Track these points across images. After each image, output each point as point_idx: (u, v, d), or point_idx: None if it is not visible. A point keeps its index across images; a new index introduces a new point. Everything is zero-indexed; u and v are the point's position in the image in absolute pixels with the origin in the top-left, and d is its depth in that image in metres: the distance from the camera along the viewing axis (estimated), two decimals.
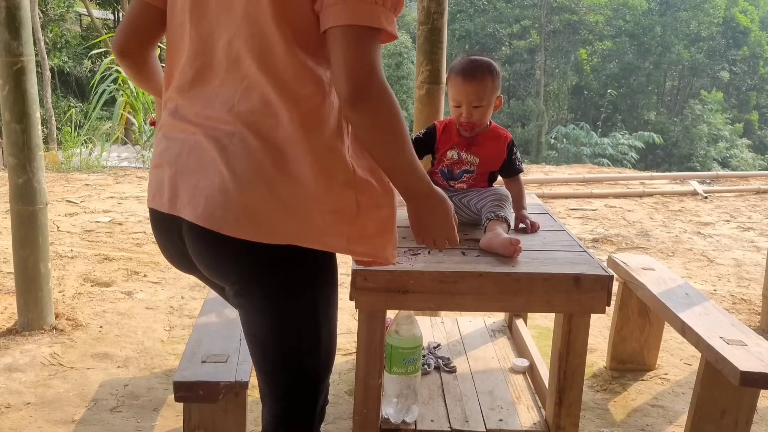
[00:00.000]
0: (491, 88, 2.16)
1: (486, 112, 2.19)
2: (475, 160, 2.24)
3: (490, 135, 2.25)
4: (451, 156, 2.25)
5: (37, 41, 9.36)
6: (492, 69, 2.17)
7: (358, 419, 1.98)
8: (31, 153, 2.93)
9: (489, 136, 2.24)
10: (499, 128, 2.28)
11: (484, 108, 2.17)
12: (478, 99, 2.15)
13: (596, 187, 6.82)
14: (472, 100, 2.15)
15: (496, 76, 2.18)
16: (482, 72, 2.15)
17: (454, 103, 2.20)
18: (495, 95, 2.18)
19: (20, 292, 3.05)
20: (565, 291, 1.88)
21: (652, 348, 2.90)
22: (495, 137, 2.25)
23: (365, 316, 1.93)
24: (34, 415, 2.42)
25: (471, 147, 2.24)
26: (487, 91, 2.15)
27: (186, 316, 3.34)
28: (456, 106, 2.20)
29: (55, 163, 7.59)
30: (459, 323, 2.88)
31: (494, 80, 2.17)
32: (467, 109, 2.16)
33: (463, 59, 2.22)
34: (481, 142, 2.24)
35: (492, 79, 2.16)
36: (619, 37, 32.36)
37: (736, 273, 4.35)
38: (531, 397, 2.30)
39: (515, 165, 2.28)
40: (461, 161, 2.24)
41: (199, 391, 1.77)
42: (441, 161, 2.28)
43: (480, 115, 2.18)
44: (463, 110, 2.17)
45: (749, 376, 1.94)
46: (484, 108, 2.17)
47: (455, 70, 2.19)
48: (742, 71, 32.59)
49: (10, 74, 2.85)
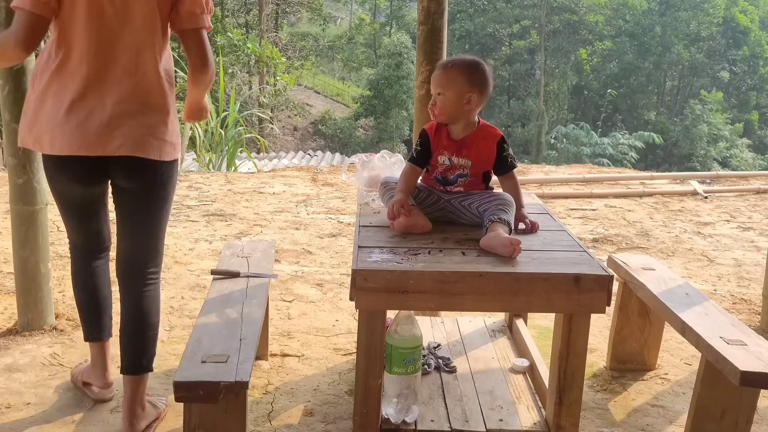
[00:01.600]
0: (458, 81, 2.16)
1: (446, 103, 2.18)
2: (467, 163, 2.22)
3: (479, 135, 2.23)
4: (442, 162, 2.24)
5: None
6: (468, 64, 2.18)
7: (359, 419, 1.98)
8: (31, 153, 2.93)
9: (478, 137, 2.23)
10: (487, 126, 2.26)
11: (445, 98, 2.17)
12: (440, 86, 2.18)
13: (596, 187, 6.82)
14: (436, 86, 2.19)
15: (471, 72, 2.17)
16: (455, 64, 2.19)
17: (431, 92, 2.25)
18: (465, 90, 2.16)
19: (20, 293, 3.05)
20: (565, 291, 1.88)
21: (652, 348, 2.90)
22: (484, 137, 2.23)
23: (365, 316, 1.93)
24: (34, 416, 2.43)
25: (461, 150, 2.22)
26: (450, 82, 2.16)
27: (186, 316, 3.34)
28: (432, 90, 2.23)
29: None
30: (459, 323, 2.88)
31: (465, 74, 2.17)
32: (433, 97, 2.21)
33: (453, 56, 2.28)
34: (470, 143, 2.22)
35: (461, 71, 2.17)
36: (619, 37, 32.39)
37: (736, 273, 4.35)
38: (531, 397, 2.30)
39: (507, 161, 2.26)
40: (453, 166, 2.23)
41: (199, 391, 1.77)
42: (434, 168, 2.26)
43: (440, 104, 2.19)
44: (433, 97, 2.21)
45: (749, 376, 1.94)
46: (445, 98, 2.17)
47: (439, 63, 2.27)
48: (742, 71, 32.61)
49: (10, 74, 2.85)
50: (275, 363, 2.87)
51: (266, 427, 2.39)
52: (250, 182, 6.73)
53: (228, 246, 2.99)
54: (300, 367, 2.85)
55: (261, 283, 2.53)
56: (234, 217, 5.32)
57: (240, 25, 24.93)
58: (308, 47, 26.21)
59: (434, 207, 2.26)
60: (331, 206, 5.77)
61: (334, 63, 35.81)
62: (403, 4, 35.43)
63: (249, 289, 2.47)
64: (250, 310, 2.27)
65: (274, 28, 24.55)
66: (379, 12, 38.19)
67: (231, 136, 9.05)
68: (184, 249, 4.42)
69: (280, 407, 2.52)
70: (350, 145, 26.16)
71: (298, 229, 4.99)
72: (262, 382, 2.70)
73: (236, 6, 25.61)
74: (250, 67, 20.04)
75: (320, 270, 4.09)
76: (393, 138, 26.10)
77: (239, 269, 2.63)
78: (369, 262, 1.91)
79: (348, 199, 6.03)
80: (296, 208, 5.65)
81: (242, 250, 2.90)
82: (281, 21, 27.38)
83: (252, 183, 6.69)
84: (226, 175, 7.30)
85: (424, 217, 2.19)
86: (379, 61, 28.83)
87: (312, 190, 6.42)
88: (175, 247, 4.45)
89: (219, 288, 2.48)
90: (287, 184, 6.71)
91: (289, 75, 18.83)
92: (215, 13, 22.53)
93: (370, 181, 2.53)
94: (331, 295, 3.69)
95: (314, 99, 31.95)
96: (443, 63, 2.25)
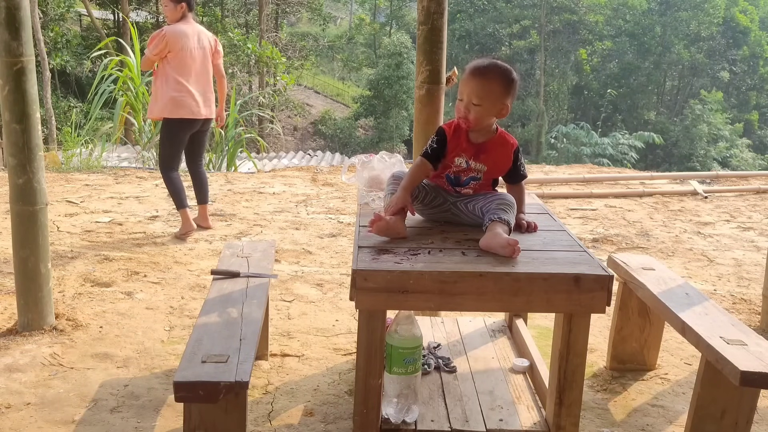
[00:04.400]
0: (497, 92, 2.10)
1: (483, 114, 2.12)
2: (483, 168, 2.20)
3: (498, 142, 2.21)
4: (459, 163, 2.21)
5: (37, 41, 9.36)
6: (506, 74, 2.12)
7: (359, 419, 1.98)
8: (31, 153, 2.93)
9: (497, 143, 2.20)
10: (505, 135, 2.23)
11: (482, 109, 2.11)
12: (477, 97, 2.10)
13: (596, 187, 6.82)
14: (472, 96, 2.11)
15: (508, 83, 2.11)
16: (493, 73, 2.10)
17: (459, 95, 2.16)
18: (500, 101, 2.12)
19: (20, 293, 3.05)
20: (565, 291, 1.88)
21: (652, 348, 2.90)
22: (502, 144, 2.21)
23: (365, 316, 1.93)
24: (34, 416, 2.43)
25: (479, 155, 2.19)
26: (489, 93, 2.10)
27: (186, 316, 3.34)
28: (460, 99, 2.16)
29: (55, 163, 7.59)
30: (459, 323, 2.88)
31: (503, 85, 2.11)
32: (466, 105, 2.12)
33: (485, 58, 2.17)
34: (489, 149, 2.19)
35: (500, 82, 2.10)
36: (619, 37, 32.38)
37: (736, 273, 4.35)
38: (531, 397, 2.30)
39: (520, 171, 2.27)
40: (469, 169, 2.21)
41: (199, 392, 1.77)
42: (447, 167, 2.22)
43: (476, 115, 2.12)
44: (462, 105, 2.13)
45: (749, 376, 1.94)
46: (482, 109, 2.11)
47: (470, 65, 2.15)
48: (742, 71, 32.60)
49: (10, 74, 2.85)
50: (275, 363, 2.87)
51: (266, 427, 2.39)
52: (250, 182, 6.73)
53: (228, 246, 2.99)
54: (300, 367, 2.85)
55: (261, 283, 2.53)
56: (234, 217, 5.32)
57: (240, 25, 24.93)
58: (308, 47, 26.19)
59: (439, 209, 2.25)
60: (331, 206, 5.77)
61: (334, 63, 35.81)
62: (403, 4, 35.42)
63: (249, 289, 2.47)
64: (250, 310, 2.27)
65: (274, 28, 24.54)
66: (379, 12, 38.19)
67: (231, 137, 9.05)
68: (184, 249, 4.42)
69: (280, 407, 2.52)
70: (350, 145, 26.16)
71: (298, 229, 4.99)
72: (262, 382, 2.70)
73: (236, 6, 25.61)
74: (250, 67, 20.04)
75: (320, 270, 4.09)
76: (393, 138, 26.10)
77: (239, 269, 2.64)
78: (369, 262, 1.91)
79: (348, 199, 6.03)
80: (296, 208, 5.65)
81: (242, 250, 2.90)
82: (281, 21, 27.38)
83: (252, 183, 6.69)
84: (226, 175, 7.30)
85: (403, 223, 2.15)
86: (379, 61, 28.84)
87: (312, 190, 6.42)
88: (175, 247, 4.45)
89: (219, 288, 2.48)
90: (287, 184, 6.71)
91: (289, 75, 18.83)
92: (215, 13, 22.63)
93: (370, 181, 2.53)
94: (331, 295, 3.69)
95: (314, 99, 31.95)
96: (479, 70, 2.12)
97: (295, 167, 8.49)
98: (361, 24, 36.45)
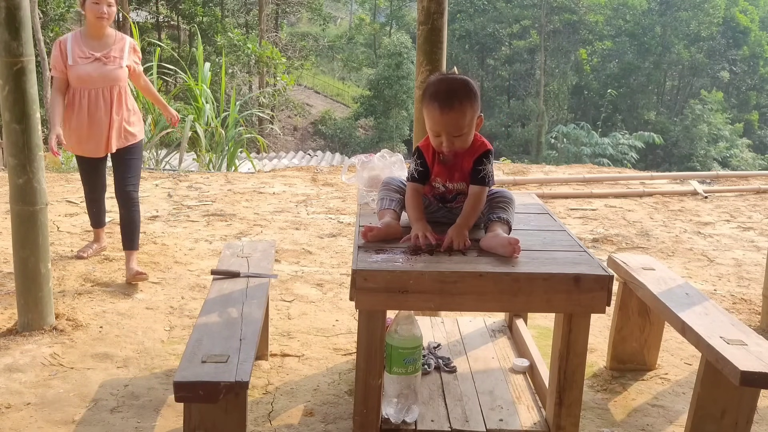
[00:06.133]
0: (471, 114, 2.03)
1: (468, 137, 2.07)
2: (462, 186, 2.17)
3: (469, 154, 2.12)
4: (437, 187, 2.19)
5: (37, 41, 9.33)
6: (469, 92, 2.03)
7: (359, 419, 1.98)
8: (31, 153, 2.93)
9: (467, 156, 2.12)
10: (475, 144, 2.12)
11: (466, 135, 2.06)
12: (458, 129, 2.03)
13: (596, 187, 6.82)
14: (451, 130, 2.03)
15: (474, 98, 2.03)
16: (460, 99, 2.00)
17: (433, 132, 2.06)
18: (475, 117, 2.06)
19: (20, 293, 3.05)
20: (565, 291, 1.88)
21: (652, 348, 2.90)
22: (472, 154, 2.12)
23: (365, 316, 1.93)
24: (34, 416, 2.43)
25: (453, 174, 2.16)
26: (467, 119, 2.03)
27: (186, 316, 3.34)
28: (435, 135, 2.06)
29: (55, 163, 7.59)
30: (459, 323, 2.88)
31: (473, 104, 2.03)
32: (448, 139, 2.04)
33: (437, 83, 2.06)
34: (461, 166, 2.14)
35: (470, 103, 2.02)
36: (619, 36, 32.37)
37: (736, 273, 4.35)
38: (531, 397, 2.30)
39: (477, 175, 2.12)
40: (449, 191, 2.20)
41: (199, 392, 1.78)
42: (430, 188, 2.21)
43: (462, 142, 2.07)
44: (443, 140, 2.05)
45: (749, 376, 1.94)
46: (466, 135, 2.06)
47: (430, 97, 2.03)
48: (742, 71, 32.59)
49: (10, 74, 2.85)
50: (275, 363, 2.87)
51: (266, 427, 2.40)
52: (250, 182, 6.73)
53: (228, 246, 2.99)
54: (300, 367, 2.85)
55: (261, 283, 2.53)
56: (234, 217, 5.31)
57: (240, 25, 24.93)
58: (308, 47, 26.18)
59: (435, 215, 2.25)
60: (331, 206, 5.77)
61: (334, 63, 35.79)
62: (403, 4, 35.41)
63: (249, 289, 2.47)
64: (250, 310, 2.27)
65: (274, 28, 24.55)
66: (379, 12, 38.18)
67: (231, 137, 9.05)
68: (184, 249, 4.42)
69: (280, 407, 2.52)
70: (350, 145, 26.15)
71: (298, 229, 4.99)
72: (262, 382, 2.70)
73: (236, 6, 25.62)
74: (250, 68, 20.04)
75: (320, 270, 4.09)
76: (393, 138, 26.09)
77: (239, 269, 2.64)
78: (369, 262, 1.91)
79: (348, 199, 6.03)
80: (296, 208, 5.65)
81: (242, 250, 2.90)
82: (281, 21, 27.38)
83: (252, 183, 6.69)
84: (226, 175, 7.30)
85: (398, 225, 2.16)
86: (379, 61, 28.83)
87: (312, 190, 6.42)
88: (175, 247, 4.45)
89: (219, 288, 2.48)
90: (287, 184, 6.71)
91: (289, 76, 18.82)
92: (215, 13, 22.61)
93: (370, 181, 2.53)
94: (331, 295, 3.69)
95: (314, 99, 31.94)
96: (445, 103, 2.00)
97: (295, 167, 8.49)
98: (361, 24, 36.44)
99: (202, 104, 9.00)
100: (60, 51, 3.68)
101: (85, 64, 3.66)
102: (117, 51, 3.77)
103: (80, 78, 3.66)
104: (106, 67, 3.71)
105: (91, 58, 3.68)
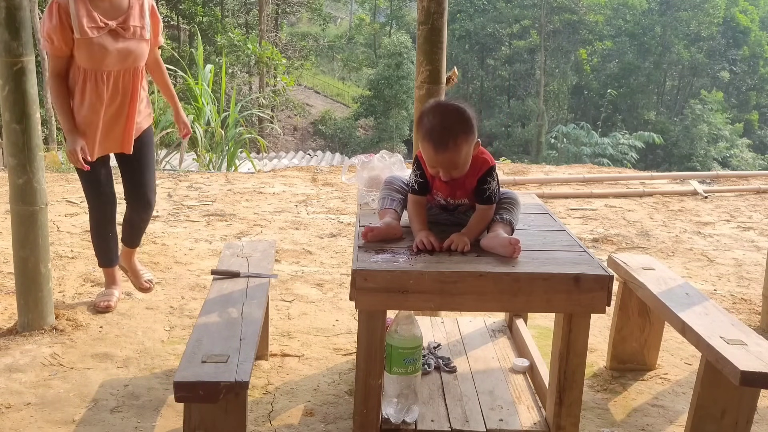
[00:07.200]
0: (466, 149, 2.01)
1: (465, 167, 2.06)
2: (464, 201, 2.19)
3: (471, 173, 2.11)
4: (438, 200, 2.20)
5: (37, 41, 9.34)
6: (464, 125, 1.99)
7: (359, 419, 1.98)
8: (31, 153, 2.93)
9: (470, 175, 2.11)
10: (477, 160, 2.11)
11: (463, 166, 2.05)
12: (454, 165, 2.02)
13: (596, 186, 6.82)
14: (448, 167, 2.03)
15: (470, 131, 2.00)
16: (454, 137, 1.97)
17: (430, 166, 2.05)
18: (472, 148, 2.04)
19: (20, 293, 3.05)
20: (565, 291, 1.88)
21: (653, 348, 2.90)
22: (474, 173, 2.11)
23: (365, 316, 1.93)
24: (34, 416, 2.43)
25: (455, 192, 2.17)
26: (462, 155, 2.01)
27: (186, 316, 3.34)
28: (432, 167, 2.05)
29: (55, 163, 7.59)
30: (459, 323, 2.88)
31: (468, 138, 2.00)
32: (445, 173, 2.04)
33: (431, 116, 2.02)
34: (462, 183, 2.13)
35: (465, 138, 1.99)
36: (619, 36, 32.36)
37: (736, 273, 4.35)
38: (531, 397, 2.30)
39: (483, 194, 2.13)
40: (449, 204, 2.21)
41: (199, 392, 1.78)
42: (432, 200, 2.21)
43: (461, 171, 2.06)
44: (440, 171, 2.04)
45: (749, 376, 1.94)
46: (463, 166, 2.05)
47: (424, 134, 2.00)
48: (742, 71, 32.58)
49: (10, 75, 2.85)
50: (275, 363, 2.87)
51: (266, 427, 2.40)
52: (250, 182, 6.73)
53: (228, 246, 2.99)
54: (300, 367, 2.85)
55: (261, 283, 2.53)
56: (234, 217, 5.31)
57: (240, 25, 24.92)
58: (308, 47, 26.17)
59: (438, 218, 2.26)
60: (331, 206, 5.77)
61: (334, 63, 35.79)
62: (403, 4, 35.40)
63: (249, 289, 2.47)
64: (250, 310, 2.27)
65: (274, 28, 24.53)
66: (379, 12, 38.17)
67: (231, 137, 9.05)
68: (184, 249, 4.42)
69: (280, 407, 2.52)
70: (350, 145, 26.15)
71: (298, 229, 4.99)
72: (262, 382, 2.70)
73: (236, 6, 25.60)
74: (250, 68, 20.04)
75: (320, 270, 4.09)
76: (393, 138, 26.09)
77: (239, 269, 2.64)
78: (369, 262, 1.91)
79: (348, 199, 6.03)
80: (296, 208, 5.65)
81: (242, 250, 2.90)
82: (281, 21, 27.37)
83: (252, 183, 6.69)
84: (226, 175, 7.30)
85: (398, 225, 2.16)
86: (379, 61, 28.82)
87: (312, 190, 6.42)
88: (175, 247, 4.45)
89: (219, 288, 2.48)
90: (287, 184, 6.71)
91: (289, 76, 18.82)
92: (215, 13, 22.59)
93: (370, 181, 2.53)
94: (331, 295, 3.69)
95: (314, 99, 31.94)
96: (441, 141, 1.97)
97: (295, 167, 8.49)
98: (361, 24, 36.43)
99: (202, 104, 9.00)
100: (60, 19, 2.70)
101: (99, 36, 2.71)
102: (136, 17, 2.79)
103: (93, 57, 2.71)
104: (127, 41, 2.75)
105: (105, 28, 2.73)
